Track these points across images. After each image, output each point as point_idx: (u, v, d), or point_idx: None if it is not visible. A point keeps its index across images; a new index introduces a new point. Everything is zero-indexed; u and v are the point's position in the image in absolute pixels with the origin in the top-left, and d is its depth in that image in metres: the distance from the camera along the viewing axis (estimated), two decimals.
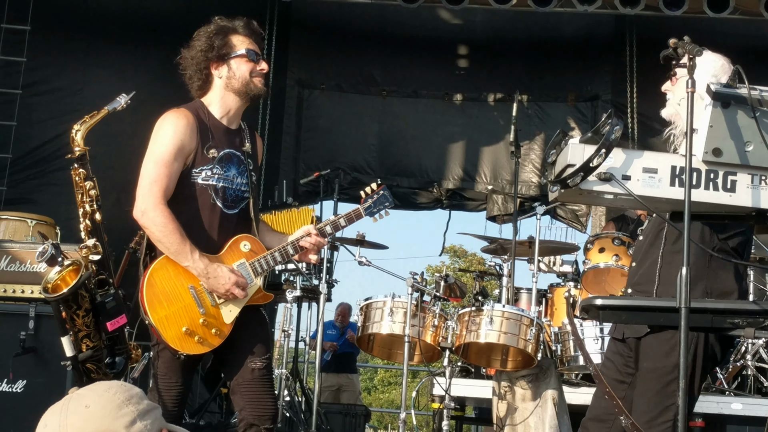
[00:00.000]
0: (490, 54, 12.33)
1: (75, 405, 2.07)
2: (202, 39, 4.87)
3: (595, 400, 4.58)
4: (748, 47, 10.76)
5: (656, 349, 4.15)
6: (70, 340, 3.76)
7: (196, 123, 4.63)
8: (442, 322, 6.85)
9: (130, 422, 2.05)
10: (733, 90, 3.22)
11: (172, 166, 4.53)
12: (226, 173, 4.70)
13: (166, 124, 4.60)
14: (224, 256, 4.66)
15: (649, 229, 4.43)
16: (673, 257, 4.23)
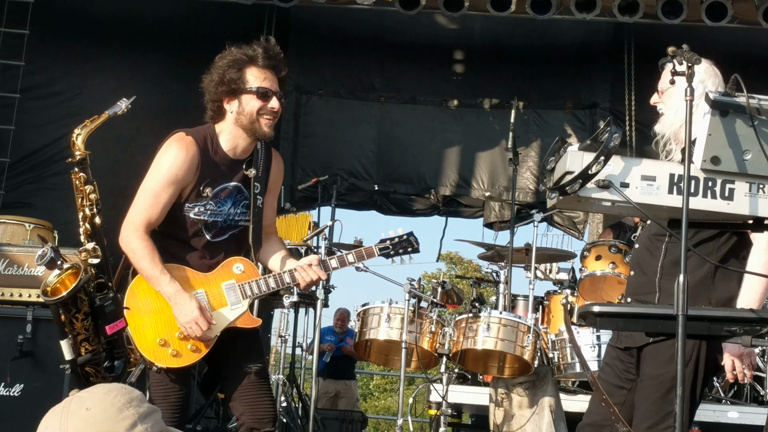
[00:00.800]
0: (489, 61, 12.34)
1: (75, 408, 2.07)
2: (217, 70, 4.84)
3: (593, 406, 4.58)
4: (746, 56, 10.78)
5: (659, 355, 4.16)
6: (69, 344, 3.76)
7: (198, 156, 4.61)
8: (439, 329, 6.86)
9: (131, 425, 2.05)
10: (732, 98, 3.23)
11: (160, 197, 4.56)
12: (220, 208, 4.70)
13: (168, 154, 4.61)
14: (215, 274, 4.67)
15: (645, 238, 4.44)
16: (674, 269, 4.24)
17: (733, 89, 3.24)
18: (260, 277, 4.70)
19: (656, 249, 4.33)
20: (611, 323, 3.55)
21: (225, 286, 4.65)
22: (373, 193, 12.33)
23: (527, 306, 8.08)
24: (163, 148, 4.65)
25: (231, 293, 4.64)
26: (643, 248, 4.44)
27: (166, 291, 4.46)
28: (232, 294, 4.64)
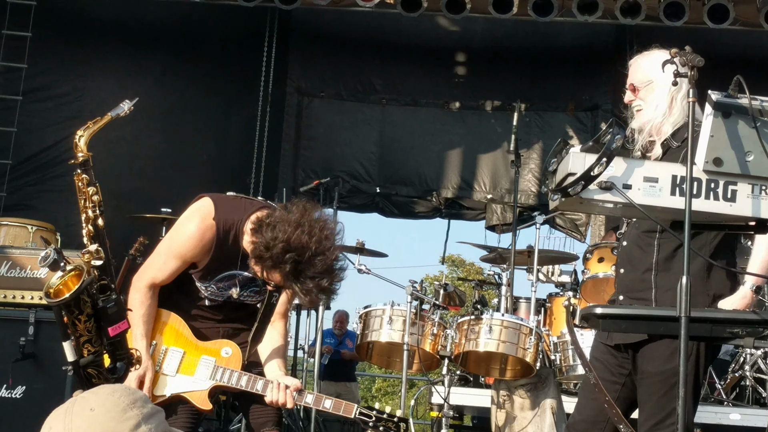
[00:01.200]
0: (490, 63, 12.36)
1: (79, 408, 2.07)
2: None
3: (584, 401, 4.58)
4: (748, 58, 10.79)
5: (658, 353, 4.17)
6: (72, 345, 3.75)
7: (213, 242, 4.47)
8: (441, 331, 6.86)
9: (135, 425, 2.05)
10: (734, 100, 3.23)
11: (168, 264, 4.54)
12: (223, 292, 4.65)
13: (187, 228, 4.50)
14: (204, 345, 4.63)
15: (634, 235, 4.43)
16: (668, 264, 4.25)
17: (735, 91, 3.24)
18: (238, 371, 4.56)
19: (648, 246, 4.33)
20: (614, 325, 3.55)
21: (203, 359, 4.59)
22: (374, 196, 12.34)
23: (529, 308, 8.07)
24: (188, 215, 4.54)
25: (203, 368, 4.57)
26: (632, 245, 4.43)
27: (137, 344, 4.46)
28: (204, 368, 4.57)
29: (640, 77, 4.45)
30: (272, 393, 4.44)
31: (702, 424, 6.91)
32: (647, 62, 4.46)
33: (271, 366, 4.61)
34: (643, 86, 4.41)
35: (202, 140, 11.85)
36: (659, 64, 4.24)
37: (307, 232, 4.19)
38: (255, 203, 4.63)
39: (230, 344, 4.64)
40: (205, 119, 11.87)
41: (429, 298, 7.05)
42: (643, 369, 4.25)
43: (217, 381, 4.53)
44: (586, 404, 4.56)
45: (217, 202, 4.52)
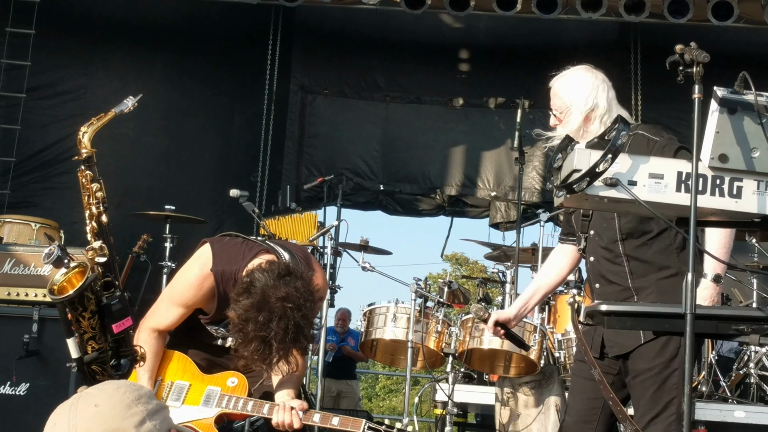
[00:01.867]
0: (494, 60, 12.35)
1: (84, 404, 2.06)
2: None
3: (574, 402, 4.60)
4: (752, 54, 10.78)
5: (648, 350, 4.21)
6: (76, 342, 3.76)
7: (213, 291, 4.46)
8: (446, 328, 6.85)
9: (140, 422, 2.05)
10: (740, 96, 3.22)
11: (170, 311, 4.54)
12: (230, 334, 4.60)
13: (191, 275, 4.49)
14: (210, 377, 4.64)
15: (598, 248, 4.45)
16: (642, 268, 4.29)
17: (741, 87, 3.23)
18: (244, 397, 4.55)
19: (617, 257, 4.37)
20: (619, 322, 3.54)
21: (209, 389, 4.60)
22: (378, 193, 12.34)
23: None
24: (188, 265, 4.55)
25: (209, 397, 4.58)
26: (600, 259, 4.46)
27: (141, 381, 4.46)
28: (209, 398, 4.58)
29: (557, 103, 4.59)
30: (278, 415, 4.39)
31: (706, 422, 6.90)
32: (562, 87, 4.60)
33: (281, 393, 4.57)
34: (561, 112, 4.50)
35: (206, 138, 11.85)
36: (573, 87, 4.39)
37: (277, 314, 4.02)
38: (254, 248, 4.54)
39: (236, 374, 4.63)
40: (208, 117, 11.87)
41: (433, 296, 7.04)
42: (635, 368, 4.28)
43: (223, 408, 4.50)
44: (576, 405, 4.58)
45: (216, 252, 4.49)
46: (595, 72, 4.60)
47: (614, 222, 4.34)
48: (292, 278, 4.09)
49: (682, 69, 3.31)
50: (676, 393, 4.16)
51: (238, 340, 4.12)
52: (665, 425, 4.17)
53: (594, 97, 4.45)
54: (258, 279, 4.08)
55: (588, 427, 4.46)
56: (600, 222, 4.42)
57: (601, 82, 4.54)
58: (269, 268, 4.13)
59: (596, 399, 4.42)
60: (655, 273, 4.28)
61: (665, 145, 4.21)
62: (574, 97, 4.48)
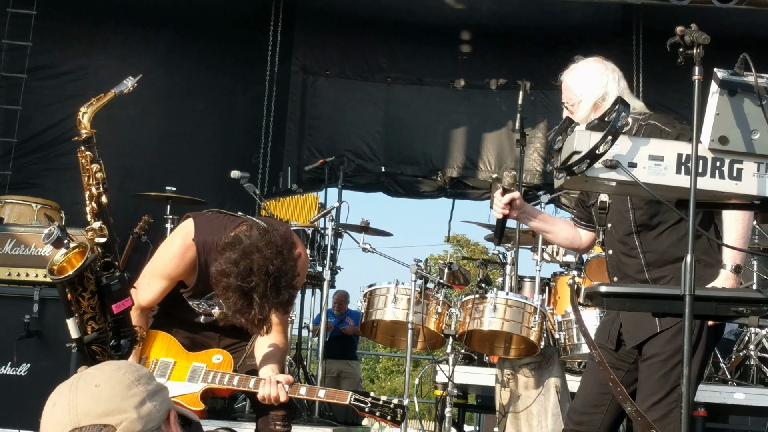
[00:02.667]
0: (496, 42, 12.33)
1: (84, 384, 2.07)
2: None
3: (586, 386, 4.61)
4: (754, 37, 10.76)
5: (663, 334, 4.19)
6: (76, 323, 3.76)
7: (195, 262, 4.53)
8: (446, 310, 6.86)
9: (140, 402, 2.05)
10: (740, 78, 3.21)
11: (153, 285, 4.58)
12: (212, 309, 4.69)
13: (174, 246, 4.55)
14: (195, 355, 4.68)
15: (616, 242, 4.45)
16: (659, 259, 4.29)
17: (741, 69, 3.22)
18: (230, 372, 4.60)
19: (632, 249, 4.37)
20: (618, 303, 3.54)
21: (194, 366, 4.64)
22: (380, 175, 12.35)
23: (534, 287, 8.09)
24: (171, 237, 4.67)
25: (194, 373, 4.62)
26: (618, 253, 4.46)
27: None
28: (194, 374, 4.62)
29: (568, 96, 4.56)
30: (264, 388, 4.43)
31: (706, 404, 6.92)
32: (573, 80, 4.58)
33: (265, 369, 4.60)
34: (572, 104, 4.49)
35: (208, 119, 11.85)
36: (584, 79, 4.38)
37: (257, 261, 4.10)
38: (236, 220, 4.58)
39: (221, 351, 4.69)
40: (210, 98, 11.86)
41: (433, 277, 7.04)
42: (646, 352, 4.28)
43: (209, 383, 4.54)
44: (587, 389, 4.58)
45: (199, 223, 4.55)
46: (606, 62, 4.59)
47: (629, 215, 4.33)
48: (272, 234, 4.16)
49: (682, 51, 3.30)
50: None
51: (219, 295, 4.17)
52: (667, 410, 4.18)
53: (604, 86, 4.44)
54: (241, 236, 4.16)
55: (597, 411, 4.46)
56: (616, 215, 4.42)
57: (612, 72, 4.52)
58: (251, 229, 4.22)
59: (608, 385, 4.42)
60: (671, 264, 4.28)
61: (678, 136, 4.19)
62: (585, 89, 4.47)
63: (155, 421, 2.07)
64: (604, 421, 4.45)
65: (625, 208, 4.36)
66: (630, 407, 3.88)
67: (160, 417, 2.09)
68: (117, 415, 2.02)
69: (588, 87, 4.47)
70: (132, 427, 2.03)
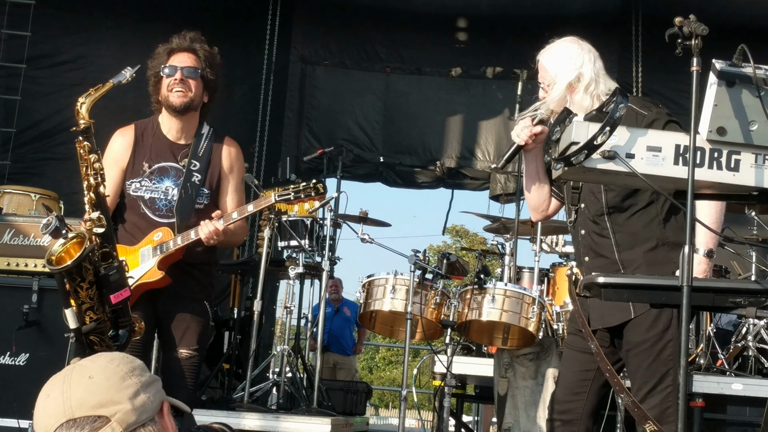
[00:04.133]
0: (495, 32, 12.31)
1: (78, 376, 2.07)
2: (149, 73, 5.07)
3: (565, 374, 4.63)
4: (753, 27, 10.74)
5: (641, 322, 4.24)
6: (74, 312, 3.77)
7: (133, 137, 4.99)
8: (444, 300, 6.86)
9: (134, 393, 2.06)
10: (738, 69, 3.22)
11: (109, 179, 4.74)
12: (157, 185, 4.91)
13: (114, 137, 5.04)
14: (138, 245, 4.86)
15: (588, 221, 4.48)
16: (629, 240, 4.35)
17: (739, 60, 3.22)
18: (172, 238, 4.84)
19: (604, 229, 4.40)
20: (616, 294, 3.55)
21: (141, 251, 4.83)
22: (378, 165, 12.33)
23: (532, 278, 8.09)
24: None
25: (145, 255, 4.82)
26: (590, 232, 4.48)
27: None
28: (145, 255, 4.81)
29: (544, 76, 4.62)
30: (203, 230, 4.77)
31: (704, 394, 6.92)
32: (548, 60, 4.64)
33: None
34: (548, 84, 4.51)
35: None
36: (559, 59, 4.39)
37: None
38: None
39: (159, 229, 4.89)
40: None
41: (432, 268, 7.05)
42: (628, 340, 4.31)
43: (159, 255, 4.78)
44: (567, 376, 4.61)
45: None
46: (581, 43, 4.60)
47: (601, 195, 4.36)
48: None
49: (680, 42, 3.30)
50: (672, 365, 4.19)
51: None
52: (662, 397, 4.21)
53: (579, 66, 4.46)
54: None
55: (578, 398, 4.49)
56: (589, 195, 4.44)
57: (587, 53, 4.54)
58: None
59: (587, 371, 4.45)
60: (641, 245, 4.32)
61: (654, 120, 4.21)
62: (559, 69, 4.49)
63: (149, 413, 2.08)
64: (585, 408, 4.49)
65: (597, 189, 4.40)
66: (627, 398, 3.89)
67: (153, 408, 2.10)
68: (111, 406, 2.03)
69: (563, 67, 4.49)
70: (126, 418, 2.03)
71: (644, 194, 4.28)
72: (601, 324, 4.34)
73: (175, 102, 4.96)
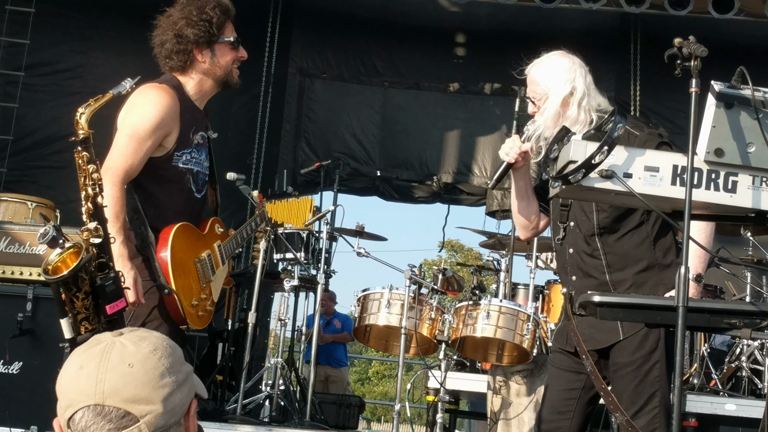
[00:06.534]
0: (494, 48, 12.31)
1: (118, 358, 1.99)
2: (201, 18, 4.66)
3: (551, 393, 4.62)
4: (752, 48, 10.78)
5: (627, 343, 4.23)
6: (69, 323, 3.75)
7: (179, 104, 4.53)
8: (439, 316, 6.86)
9: (168, 394, 1.96)
10: (737, 91, 3.23)
11: (144, 144, 4.43)
12: (199, 157, 4.67)
13: (149, 98, 4.47)
14: (209, 236, 4.71)
15: (579, 240, 4.44)
16: (621, 262, 4.33)
17: (738, 81, 3.23)
18: (229, 237, 4.82)
19: (595, 250, 4.37)
20: (611, 313, 3.56)
21: (217, 247, 4.73)
22: (375, 179, 12.33)
23: (527, 295, 8.09)
24: (141, 95, 4.49)
25: (221, 254, 4.74)
26: (580, 252, 4.44)
27: (120, 251, 4.30)
28: (221, 255, 4.74)
29: (535, 90, 4.56)
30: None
31: (697, 414, 6.92)
32: (539, 73, 4.57)
33: None
34: (539, 99, 4.48)
35: None
36: (550, 73, 4.37)
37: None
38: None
39: (216, 220, 4.81)
40: None
41: (427, 283, 7.05)
42: (615, 362, 4.30)
43: (227, 256, 4.77)
44: (552, 396, 4.59)
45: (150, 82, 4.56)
46: (572, 57, 4.59)
47: (593, 216, 4.34)
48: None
49: (679, 62, 3.31)
50: (659, 386, 4.19)
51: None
52: (648, 419, 4.20)
53: (572, 81, 4.43)
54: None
55: (563, 417, 4.48)
56: (580, 214, 4.41)
57: (579, 67, 4.52)
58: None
59: (572, 390, 4.44)
60: (631, 267, 4.31)
61: (646, 141, 4.19)
62: (552, 83, 4.45)
63: (177, 416, 2.01)
64: (572, 426, 4.47)
65: (589, 208, 4.36)
66: (621, 417, 3.89)
67: (182, 411, 2.03)
68: (144, 405, 1.96)
69: (556, 82, 4.45)
70: (155, 422, 1.97)
71: (635, 215, 4.28)
72: (590, 345, 4.33)
73: (235, 80, 4.77)
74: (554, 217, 4.58)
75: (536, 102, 4.50)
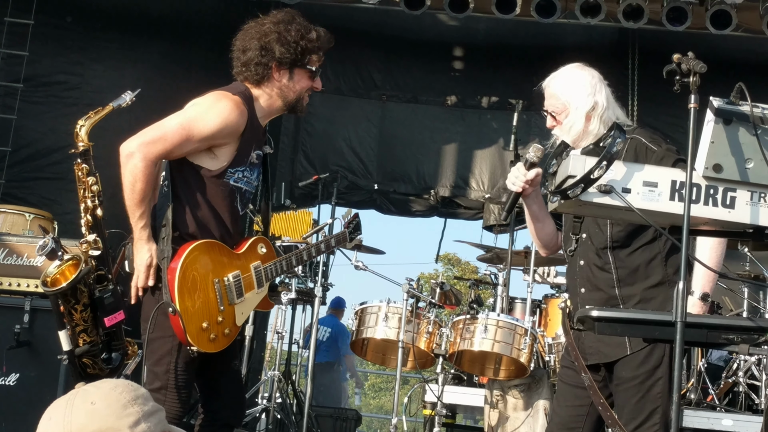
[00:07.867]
0: (492, 62, 12.33)
1: (80, 401, 2.07)
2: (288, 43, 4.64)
3: (559, 408, 4.60)
4: (750, 64, 10.79)
5: (632, 358, 4.22)
6: (68, 335, 3.77)
7: (246, 122, 4.48)
8: (437, 329, 6.86)
9: (135, 422, 2.06)
10: (736, 107, 3.24)
11: (190, 142, 4.39)
12: (251, 176, 4.65)
13: (219, 107, 4.41)
14: (245, 255, 4.62)
15: (591, 253, 4.42)
16: (631, 277, 4.31)
17: (737, 98, 3.24)
18: (277, 259, 4.71)
19: (606, 263, 4.35)
20: (609, 328, 3.56)
21: (253, 269, 4.63)
22: (372, 193, 12.32)
23: (525, 309, 8.09)
24: (213, 99, 4.47)
25: (258, 277, 4.63)
26: (590, 264, 4.42)
27: (139, 234, 4.33)
28: (258, 278, 4.63)
29: (554, 104, 4.51)
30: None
31: (694, 429, 6.92)
32: (559, 87, 4.54)
33: None
34: (560, 113, 4.45)
35: None
36: (571, 86, 4.35)
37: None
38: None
39: (261, 239, 4.76)
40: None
41: (425, 296, 7.05)
42: (619, 375, 4.29)
43: (270, 279, 4.70)
44: (561, 411, 4.58)
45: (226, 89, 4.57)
46: (591, 69, 4.58)
47: (606, 228, 4.32)
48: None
49: (678, 78, 3.32)
50: (660, 402, 4.18)
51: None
52: None
53: (593, 95, 4.42)
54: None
55: None
56: (593, 227, 4.40)
57: (599, 81, 4.51)
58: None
59: (581, 406, 4.42)
60: (641, 282, 4.29)
61: (663, 157, 4.17)
62: (573, 97, 4.42)
63: None
64: None
65: (603, 222, 4.34)
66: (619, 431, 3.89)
67: None
68: None
69: (577, 96, 4.43)
70: None
71: (649, 230, 4.23)
72: (598, 359, 4.33)
73: (303, 108, 4.80)
74: (566, 229, 4.56)
75: (556, 116, 4.47)
